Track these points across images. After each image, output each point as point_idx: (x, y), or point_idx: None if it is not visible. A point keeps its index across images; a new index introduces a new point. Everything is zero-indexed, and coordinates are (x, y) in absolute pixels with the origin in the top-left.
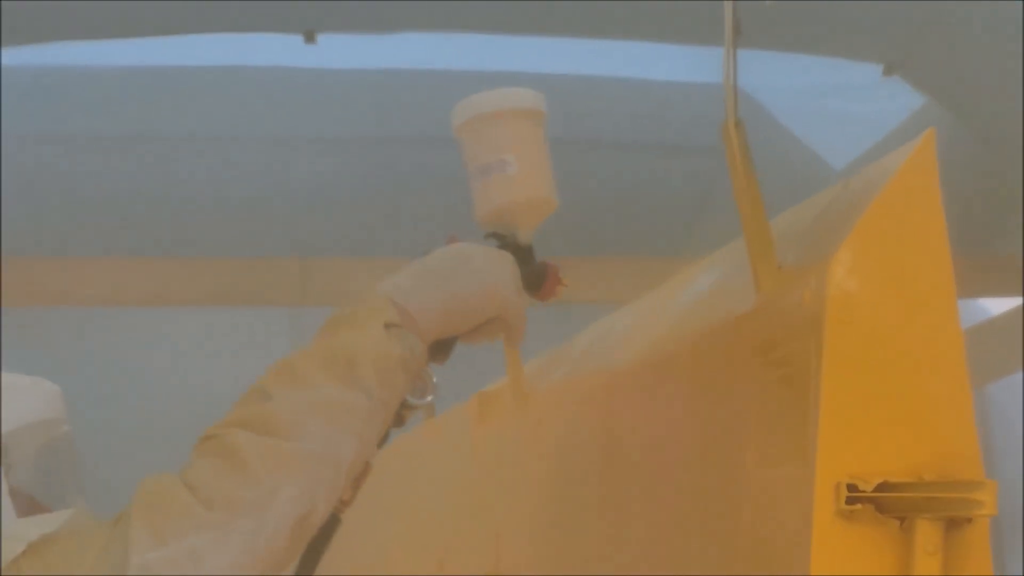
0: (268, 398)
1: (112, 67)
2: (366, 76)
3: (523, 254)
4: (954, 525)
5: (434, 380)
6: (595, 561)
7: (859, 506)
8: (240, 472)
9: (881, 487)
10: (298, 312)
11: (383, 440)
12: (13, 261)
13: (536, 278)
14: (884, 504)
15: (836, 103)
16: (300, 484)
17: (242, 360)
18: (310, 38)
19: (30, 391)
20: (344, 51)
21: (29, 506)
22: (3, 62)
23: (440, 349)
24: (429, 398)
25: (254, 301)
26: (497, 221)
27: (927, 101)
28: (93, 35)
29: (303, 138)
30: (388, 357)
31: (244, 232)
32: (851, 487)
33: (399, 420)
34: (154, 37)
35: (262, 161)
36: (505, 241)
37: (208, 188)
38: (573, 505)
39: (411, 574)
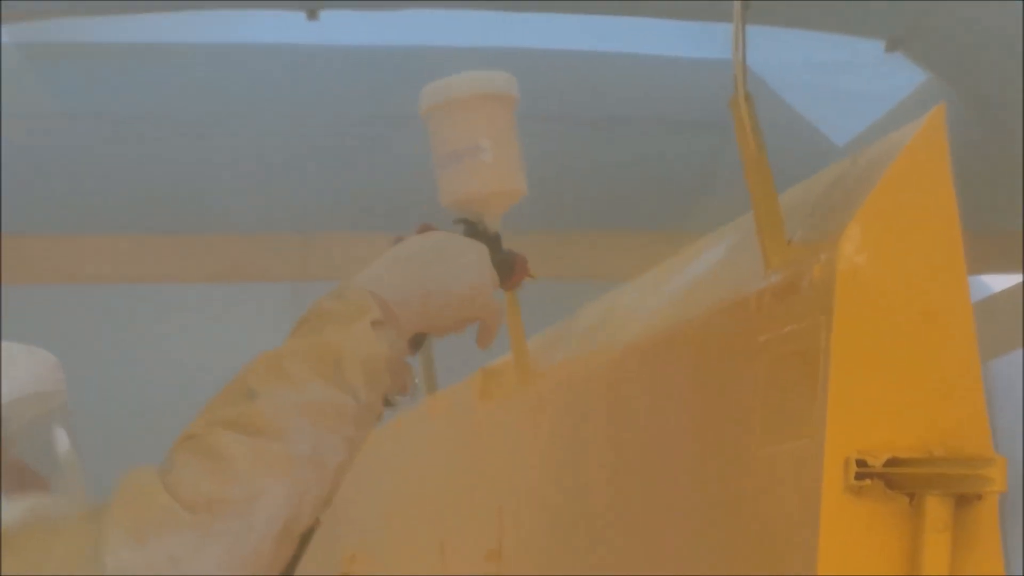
0: (254, 396)
1: (112, 44)
2: (368, 53)
3: (492, 242)
4: (963, 502)
5: (416, 381)
6: (599, 538)
7: (868, 482)
8: (224, 473)
9: (890, 463)
10: (300, 287)
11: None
12: (14, 239)
13: (504, 267)
14: (893, 480)
15: (838, 79)
16: (287, 487)
17: (244, 336)
18: (312, 15)
19: (26, 361)
20: (346, 28)
21: (27, 479)
22: (3, 39)
23: (411, 341)
24: (410, 397)
25: (256, 277)
26: (466, 208)
27: (929, 77)
28: (93, 11)
29: (304, 115)
30: (376, 357)
31: (245, 208)
32: (860, 462)
33: (378, 417)
34: (156, 13)
35: (264, 138)
36: (475, 229)
37: (209, 165)
38: (576, 482)
39: (413, 554)
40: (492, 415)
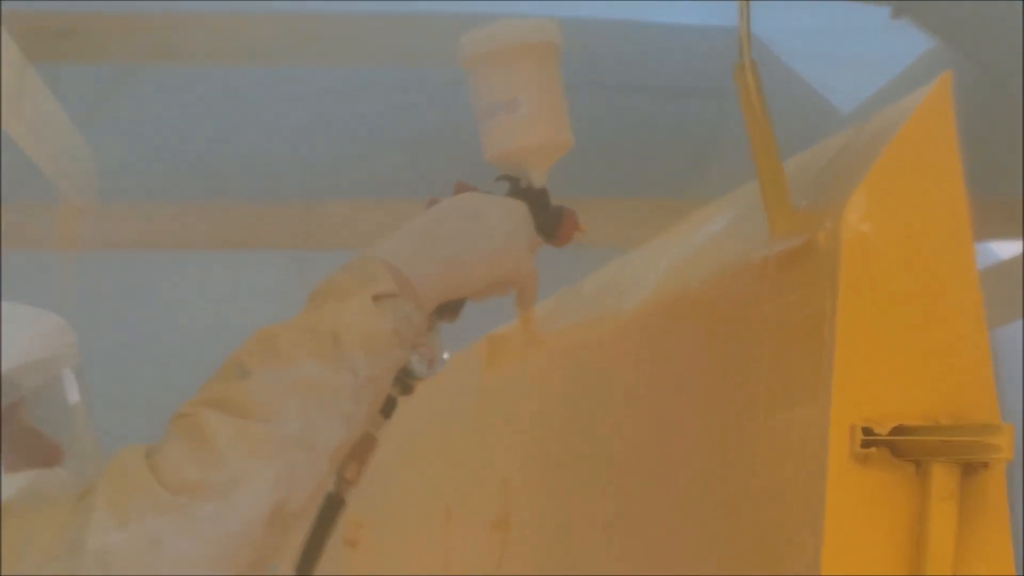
0: (245, 375)
1: (115, 8)
2: (376, 18)
3: (538, 198)
4: (970, 470)
5: (444, 356)
6: (605, 505)
7: (874, 449)
8: (207, 455)
9: (896, 430)
10: (305, 256)
11: (390, 409)
12: (20, 206)
13: (552, 223)
14: (899, 448)
15: (843, 46)
16: (273, 469)
17: (249, 305)
18: None
19: (33, 324)
20: None
21: (42, 445)
22: (2, 2)
23: (449, 308)
24: (436, 369)
25: (261, 245)
26: (507, 163)
27: (935, 44)
28: None
29: (309, 80)
30: (377, 332)
31: (250, 175)
32: (866, 430)
33: (407, 389)
34: None
35: (268, 103)
36: (517, 185)
37: (214, 131)
38: (582, 450)
39: (419, 522)
40: (498, 382)
